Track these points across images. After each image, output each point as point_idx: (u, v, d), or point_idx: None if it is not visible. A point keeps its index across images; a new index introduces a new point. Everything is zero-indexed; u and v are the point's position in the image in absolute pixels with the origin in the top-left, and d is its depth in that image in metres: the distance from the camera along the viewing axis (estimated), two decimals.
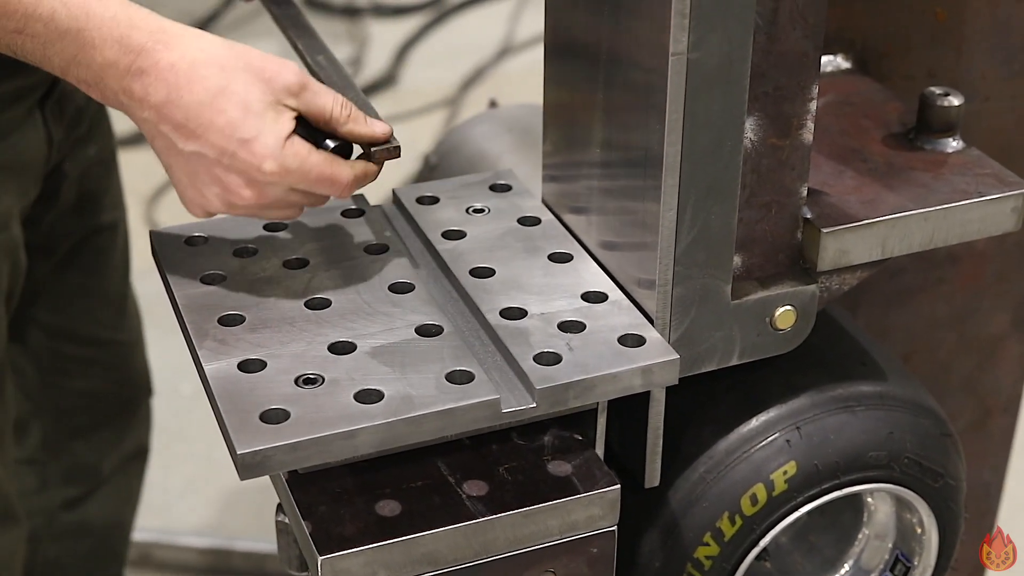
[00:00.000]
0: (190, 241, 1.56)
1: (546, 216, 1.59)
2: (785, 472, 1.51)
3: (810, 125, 1.42)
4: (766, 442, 1.52)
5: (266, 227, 1.57)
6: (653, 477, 1.51)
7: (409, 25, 5.48)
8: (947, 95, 1.60)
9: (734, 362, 1.48)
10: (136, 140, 4.64)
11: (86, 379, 2.15)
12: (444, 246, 1.54)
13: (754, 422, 1.53)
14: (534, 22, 5.49)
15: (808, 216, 1.47)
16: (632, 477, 1.51)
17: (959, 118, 1.61)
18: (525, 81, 5.14)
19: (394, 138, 1.47)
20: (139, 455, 2.31)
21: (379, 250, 1.53)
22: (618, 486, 1.39)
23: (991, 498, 2.23)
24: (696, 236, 1.38)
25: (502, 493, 1.37)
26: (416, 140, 4.66)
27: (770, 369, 1.53)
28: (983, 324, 2.06)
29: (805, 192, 1.46)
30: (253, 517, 3.22)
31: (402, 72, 5.16)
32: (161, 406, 3.54)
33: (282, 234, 1.56)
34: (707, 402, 1.55)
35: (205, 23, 5.39)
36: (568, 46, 1.50)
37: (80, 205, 2.01)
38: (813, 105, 1.42)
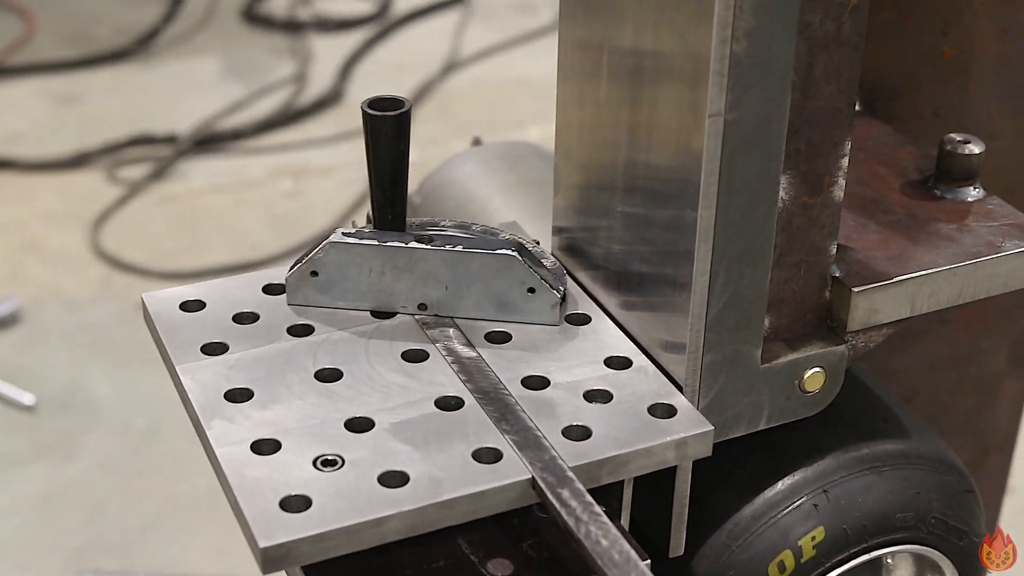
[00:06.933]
0: (185, 306, 1.48)
1: None
2: (813, 537, 1.46)
3: (841, 182, 1.37)
4: (793, 507, 1.47)
5: (264, 289, 1.50)
6: (678, 546, 1.45)
7: (353, 40, 5.40)
8: (967, 142, 1.56)
9: (761, 427, 1.42)
10: (77, 162, 4.54)
11: None
12: None
13: (780, 486, 1.48)
14: (479, 36, 5.44)
15: (836, 274, 1.42)
16: (654, 545, 1.45)
17: (980, 166, 1.56)
18: (472, 96, 5.09)
19: None
20: None
21: (387, 315, 1.46)
22: (648, 562, 1.33)
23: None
24: (728, 301, 1.33)
25: (528, 572, 1.31)
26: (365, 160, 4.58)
27: (793, 429, 1.48)
28: (983, 363, 2.03)
29: (834, 250, 1.41)
30: (216, 554, 3.13)
31: (348, 88, 5.09)
32: (115, 442, 3.46)
33: (282, 297, 1.48)
34: (730, 465, 1.49)
35: (146, 39, 5.29)
36: (585, 97, 1.43)
37: None
38: (845, 161, 1.36)
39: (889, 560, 1.61)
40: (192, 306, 1.47)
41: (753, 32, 1.21)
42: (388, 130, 1.44)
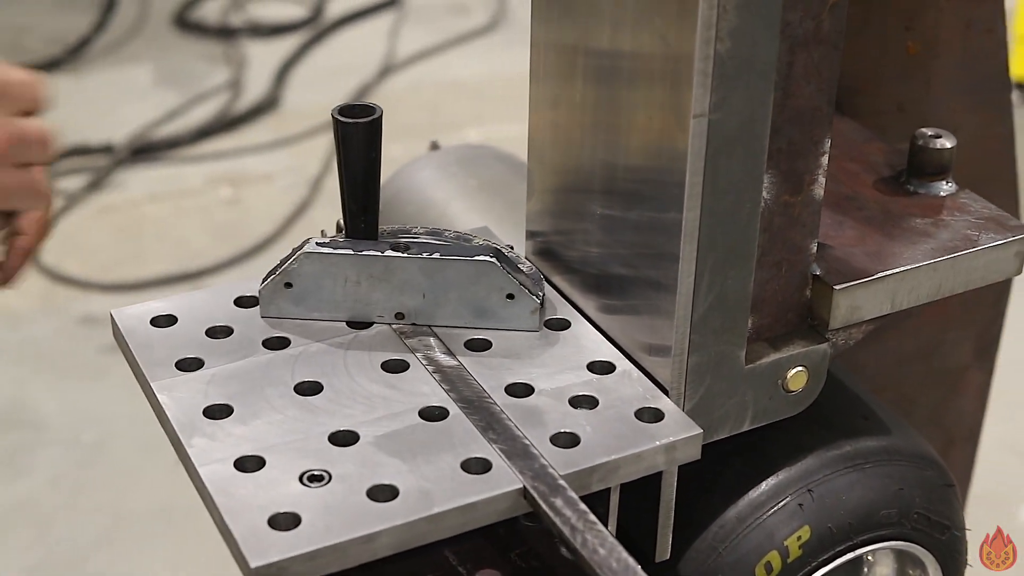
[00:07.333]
0: (156, 321, 1.44)
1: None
2: (799, 537, 1.45)
3: (821, 180, 1.36)
4: (778, 507, 1.46)
5: (236, 302, 1.47)
6: (664, 551, 1.43)
7: (287, 45, 5.36)
8: (939, 137, 1.55)
9: (746, 428, 1.41)
10: None
11: None
12: None
13: (764, 486, 1.46)
14: (413, 38, 5.41)
15: (817, 273, 1.41)
16: (640, 550, 1.44)
17: (951, 160, 1.56)
18: (409, 99, 5.06)
19: None
20: None
21: (363, 325, 1.44)
22: (638, 567, 1.31)
23: None
24: (712, 302, 1.32)
25: None
26: (304, 165, 4.55)
27: (775, 429, 1.47)
28: (948, 355, 2.03)
29: (815, 249, 1.40)
30: (169, 569, 3.09)
31: (284, 94, 5.05)
32: (62, 456, 3.40)
33: (254, 309, 1.46)
34: (713, 467, 1.48)
35: (77, 48, 5.22)
36: (560, 99, 1.42)
37: None
38: (825, 159, 1.36)
39: (870, 557, 1.61)
40: (163, 321, 1.44)
41: (736, 31, 1.20)
42: (360, 137, 1.41)
